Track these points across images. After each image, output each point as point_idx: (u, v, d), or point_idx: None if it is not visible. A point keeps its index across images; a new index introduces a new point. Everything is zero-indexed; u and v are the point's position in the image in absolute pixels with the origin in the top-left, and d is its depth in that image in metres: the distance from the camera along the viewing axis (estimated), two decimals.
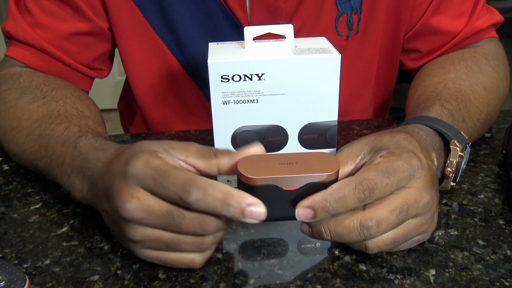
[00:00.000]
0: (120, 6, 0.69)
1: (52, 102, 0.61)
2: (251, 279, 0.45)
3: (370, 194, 0.41)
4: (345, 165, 0.46)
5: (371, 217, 0.41)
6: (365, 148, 0.46)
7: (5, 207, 0.56)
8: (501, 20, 0.75)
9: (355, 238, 0.42)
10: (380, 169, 0.42)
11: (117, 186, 0.42)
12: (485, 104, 0.65)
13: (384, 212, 0.42)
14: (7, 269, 0.42)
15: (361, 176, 0.42)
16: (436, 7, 0.72)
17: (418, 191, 0.43)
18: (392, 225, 0.42)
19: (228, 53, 0.51)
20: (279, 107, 0.51)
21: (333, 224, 0.42)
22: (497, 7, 0.76)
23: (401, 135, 0.47)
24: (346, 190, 0.41)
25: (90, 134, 0.54)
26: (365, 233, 0.41)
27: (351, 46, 0.74)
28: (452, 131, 0.54)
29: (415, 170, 0.43)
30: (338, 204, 0.41)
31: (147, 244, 0.43)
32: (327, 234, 0.43)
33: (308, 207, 0.41)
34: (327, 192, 0.41)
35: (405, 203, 0.42)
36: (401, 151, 0.44)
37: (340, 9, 0.71)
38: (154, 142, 0.45)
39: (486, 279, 0.44)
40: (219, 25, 0.71)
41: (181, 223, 0.41)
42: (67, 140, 0.54)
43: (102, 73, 0.77)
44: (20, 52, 0.68)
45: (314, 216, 0.41)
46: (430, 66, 0.74)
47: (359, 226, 0.41)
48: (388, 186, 0.42)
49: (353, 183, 0.41)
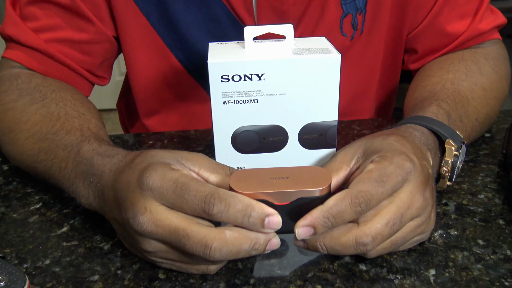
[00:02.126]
0: (127, 14, 0.69)
1: (51, 104, 0.61)
2: (251, 279, 0.45)
3: (367, 206, 0.42)
4: (340, 171, 0.46)
5: (366, 233, 0.42)
6: (358, 152, 0.47)
7: (5, 207, 0.56)
8: (504, 22, 0.75)
9: (351, 253, 0.43)
10: (374, 178, 0.42)
11: (131, 197, 0.42)
12: (484, 104, 0.65)
13: (378, 227, 0.42)
14: (7, 269, 0.42)
15: (356, 188, 0.42)
16: (440, 8, 0.72)
17: (411, 195, 0.43)
18: (387, 237, 0.43)
19: (228, 53, 0.51)
20: (279, 107, 0.51)
21: (329, 240, 0.42)
22: (497, 7, 0.76)
23: (393, 137, 0.47)
24: (343, 205, 0.41)
25: (93, 138, 0.54)
26: (361, 248, 0.42)
27: (355, 46, 0.74)
28: (447, 131, 0.54)
29: (408, 173, 0.43)
30: (336, 220, 0.41)
31: (160, 254, 0.44)
32: (323, 249, 0.43)
33: (308, 226, 0.42)
34: (325, 209, 0.41)
35: (398, 212, 0.42)
36: (393, 154, 0.44)
37: (345, 10, 0.71)
38: (165, 152, 0.45)
39: (486, 279, 0.44)
40: (225, 30, 0.70)
41: (185, 243, 0.40)
42: (69, 144, 0.54)
43: (104, 81, 0.77)
44: (19, 54, 0.68)
45: (314, 233, 0.42)
46: (429, 66, 0.74)
47: (355, 243, 0.42)
48: (383, 195, 0.42)
49: (349, 197, 0.41)
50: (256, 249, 0.41)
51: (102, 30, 0.70)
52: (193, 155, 0.45)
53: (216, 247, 0.40)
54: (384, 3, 0.72)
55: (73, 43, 0.69)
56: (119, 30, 0.71)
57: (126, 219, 0.42)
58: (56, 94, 0.63)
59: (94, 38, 0.70)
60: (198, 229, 0.40)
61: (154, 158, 0.44)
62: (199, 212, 0.40)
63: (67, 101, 0.62)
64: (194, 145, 0.68)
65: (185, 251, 0.41)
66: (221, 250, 0.40)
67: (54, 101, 0.61)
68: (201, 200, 0.40)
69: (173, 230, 0.40)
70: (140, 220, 0.41)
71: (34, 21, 0.67)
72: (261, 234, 0.41)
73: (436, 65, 0.72)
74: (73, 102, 0.62)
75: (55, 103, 0.61)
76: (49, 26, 0.68)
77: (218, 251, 0.40)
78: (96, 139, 0.54)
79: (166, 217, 0.41)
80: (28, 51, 0.68)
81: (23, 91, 0.63)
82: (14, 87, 0.64)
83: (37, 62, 0.68)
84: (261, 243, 0.41)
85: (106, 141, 0.55)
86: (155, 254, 0.44)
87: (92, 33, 0.69)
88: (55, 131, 0.56)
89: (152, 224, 0.41)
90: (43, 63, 0.68)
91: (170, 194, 0.41)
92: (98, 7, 0.68)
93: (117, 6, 0.69)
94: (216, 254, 0.40)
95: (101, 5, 0.69)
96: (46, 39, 0.67)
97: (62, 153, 0.53)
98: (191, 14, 0.70)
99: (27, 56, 0.68)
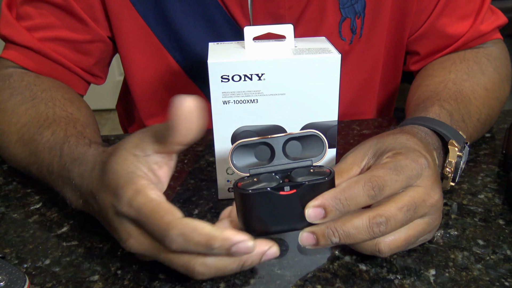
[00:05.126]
0: (123, 15, 0.69)
1: (41, 104, 0.61)
2: (251, 279, 0.45)
3: (380, 191, 0.41)
4: (350, 171, 0.45)
5: (379, 214, 0.41)
6: (368, 152, 0.46)
7: (5, 207, 0.56)
8: (505, 22, 0.75)
9: (365, 236, 0.41)
10: (389, 167, 0.42)
11: (112, 223, 0.43)
12: (485, 104, 0.64)
13: (392, 210, 0.41)
14: (7, 269, 0.42)
15: (370, 173, 0.41)
16: (441, 10, 0.72)
17: (426, 190, 0.43)
18: (400, 223, 0.42)
19: (228, 53, 0.51)
20: (279, 107, 0.51)
21: (341, 224, 0.41)
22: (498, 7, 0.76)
23: (404, 136, 0.47)
24: (356, 187, 0.40)
25: (74, 138, 0.53)
26: (374, 230, 0.41)
27: (355, 50, 0.74)
28: (450, 131, 0.54)
29: (423, 169, 0.43)
30: (349, 202, 0.40)
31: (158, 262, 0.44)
32: (335, 235, 0.41)
33: (319, 206, 0.40)
34: (337, 190, 0.41)
35: (413, 201, 0.42)
36: (407, 150, 0.44)
37: (343, 14, 0.70)
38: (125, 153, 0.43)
39: (486, 279, 0.44)
40: (222, 32, 0.70)
41: (170, 265, 0.41)
42: (53, 147, 0.53)
43: (100, 80, 0.77)
44: (13, 53, 0.68)
45: (325, 215, 0.40)
46: (431, 66, 0.74)
47: (368, 223, 0.40)
48: (397, 184, 0.42)
49: (362, 180, 0.41)
50: (249, 265, 0.40)
51: (96, 31, 0.70)
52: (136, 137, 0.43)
53: (199, 271, 0.39)
54: (383, 7, 0.71)
55: (67, 42, 0.69)
56: (115, 31, 0.71)
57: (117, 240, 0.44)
58: (46, 94, 0.63)
59: (88, 38, 0.70)
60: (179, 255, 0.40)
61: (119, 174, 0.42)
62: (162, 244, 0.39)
63: (56, 101, 0.62)
64: (194, 145, 0.68)
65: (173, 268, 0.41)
66: (204, 274, 0.40)
67: (44, 100, 0.61)
68: (159, 233, 0.39)
69: (157, 254, 0.41)
70: (128, 245, 0.42)
71: (29, 20, 0.68)
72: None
73: (438, 65, 0.72)
74: (62, 102, 0.62)
75: (45, 102, 0.61)
76: (43, 25, 0.68)
77: (201, 275, 0.40)
78: (77, 138, 0.53)
79: (148, 242, 0.41)
80: (22, 50, 0.68)
81: (14, 90, 0.63)
82: (6, 86, 0.64)
83: (31, 61, 0.68)
84: (253, 260, 0.40)
85: (87, 138, 0.53)
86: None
87: (86, 33, 0.69)
88: (41, 132, 0.56)
89: (139, 247, 0.41)
90: (37, 61, 0.68)
91: (139, 222, 0.40)
92: (92, 7, 0.68)
93: (113, 7, 0.68)
94: (200, 277, 0.40)
95: (96, 6, 0.68)
96: (40, 38, 0.67)
97: (48, 157, 0.53)
98: (188, 15, 0.70)
99: (21, 55, 0.68)
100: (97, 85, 0.77)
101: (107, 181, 0.43)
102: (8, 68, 0.68)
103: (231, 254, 0.38)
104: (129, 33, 0.71)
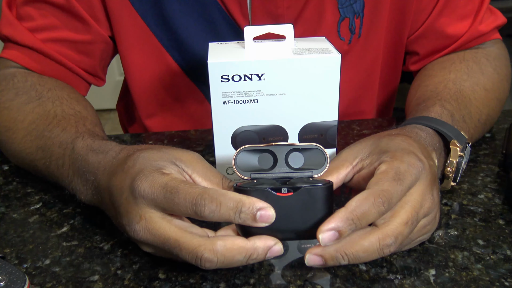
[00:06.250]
0: (123, 14, 0.69)
1: (47, 102, 0.61)
2: (251, 279, 0.45)
3: (389, 205, 0.41)
4: (342, 168, 0.46)
5: (388, 234, 0.41)
6: (362, 152, 0.47)
7: (5, 207, 0.56)
8: (504, 22, 0.75)
9: (374, 257, 0.42)
10: (392, 177, 0.42)
11: (125, 205, 0.43)
12: (485, 104, 0.65)
13: (399, 227, 0.41)
14: (7, 269, 0.42)
15: (377, 188, 0.41)
16: (441, 10, 0.72)
17: (422, 194, 0.43)
18: (405, 237, 0.42)
19: (228, 53, 0.51)
20: (279, 107, 0.51)
21: (349, 247, 0.41)
22: (497, 7, 0.76)
23: (400, 138, 0.47)
24: (366, 205, 0.40)
25: (87, 134, 0.54)
26: (385, 251, 0.41)
27: (353, 50, 0.74)
28: (452, 131, 0.54)
29: (419, 172, 0.44)
30: (361, 221, 0.40)
31: (157, 253, 0.45)
32: (344, 259, 0.41)
33: (332, 229, 0.40)
34: (349, 210, 0.40)
35: (414, 212, 0.42)
36: (402, 153, 0.44)
37: (342, 14, 0.70)
38: (158, 153, 0.45)
39: (486, 279, 0.44)
40: (221, 32, 0.70)
41: (177, 253, 0.41)
42: (64, 141, 0.54)
43: (100, 82, 0.77)
44: (15, 53, 0.68)
45: (338, 237, 0.40)
46: (431, 66, 0.74)
47: (378, 245, 0.41)
48: (402, 194, 0.42)
49: (371, 197, 0.41)
50: (254, 258, 0.41)
51: (98, 31, 0.70)
52: (188, 156, 0.46)
53: (207, 258, 0.40)
54: (382, 7, 0.71)
55: (69, 43, 0.69)
56: (115, 30, 0.71)
57: (122, 225, 0.44)
58: (52, 93, 0.63)
59: (90, 38, 0.70)
60: (190, 239, 0.40)
61: (145, 162, 0.44)
62: (191, 214, 0.40)
63: (63, 100, 0.62)
64: (194, 145, 0.68)
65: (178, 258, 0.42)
66: (211, 261, 0.40)
67: (50, 99, 0.62)
68: (191, 203, 0.40)
69: (166, 240, 0.41)
70: (136, 228, 0.42)
71: (30, 21, 0.68)
72: (259, 243, 0.41)
73: (438, 65, 0.72)
74: (69, 101, 0.62)
75: (51, 101, 0.61)
76: (45, 26, 0.68)
77: (209, 262, 0.40)
78: (90, 134, 0.54)
79: (159, 226, 0.41)
80: (25, 50, 0.68)
81: (19, 90, 0.63)
82: (10, 86, 0.64)
83: (34, 61, 0.68)
84: (259, 253, 0.41)
85: (100, 136, 0.55)
86: (153, 253, 0.45)
87: (87, 33, 0.69)
88: (51, 129, 0.56)
89: (147, 232, 0.41)
90: (39, 62, 0.68)
91: (161, 200, 0.41)
92: (93, 7, 0.68)
93: (112, 6, 0.69)
94: (207, 265, 0.40)
95: (96, 5, 0.68)
96: (42, 39, 0.68)
97: (58, 151, 0.54)
98: (186, 15, 0.70)
99: (24, 55, 0.68)
100: (97, 86, 0.77)
101: (130, 165, 0.44)
102: (10, 68, 0.68)
103: (255, 220, 0.40)
104: (128, 32, 0.71)
